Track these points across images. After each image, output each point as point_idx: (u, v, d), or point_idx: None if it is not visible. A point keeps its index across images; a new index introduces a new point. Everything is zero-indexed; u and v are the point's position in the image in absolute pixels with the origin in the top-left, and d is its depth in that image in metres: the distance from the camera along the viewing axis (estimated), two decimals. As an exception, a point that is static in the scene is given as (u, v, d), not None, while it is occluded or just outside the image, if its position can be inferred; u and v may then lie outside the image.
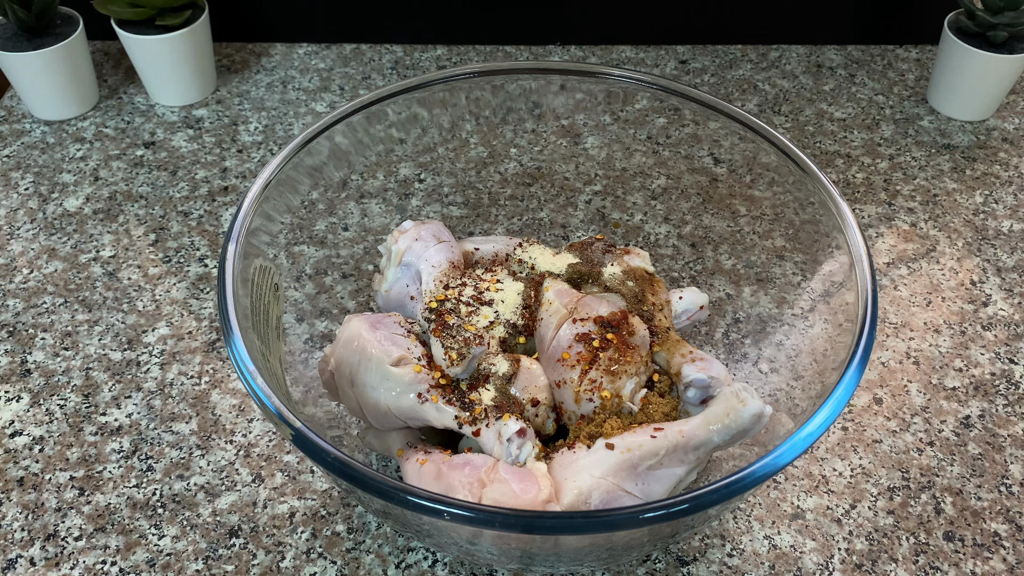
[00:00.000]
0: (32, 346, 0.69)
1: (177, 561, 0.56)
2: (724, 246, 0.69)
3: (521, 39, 1.02)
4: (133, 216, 0.81)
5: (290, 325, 0.59)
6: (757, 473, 0.42)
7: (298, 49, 1.01)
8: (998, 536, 0.58)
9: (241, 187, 0.84)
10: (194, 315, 0.72)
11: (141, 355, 0.69)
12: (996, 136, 0.90)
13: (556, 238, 0.74)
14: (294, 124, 0.91)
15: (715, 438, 0.48)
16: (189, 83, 0.92)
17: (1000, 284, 0.74)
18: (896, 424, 0.64)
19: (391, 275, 0.60)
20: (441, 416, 0.50)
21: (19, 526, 0.58)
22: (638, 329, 0.54)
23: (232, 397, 0.66)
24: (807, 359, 0.56)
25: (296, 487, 0.60)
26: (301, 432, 0.44)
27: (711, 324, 0.65)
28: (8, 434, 0.63)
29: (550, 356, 0.53)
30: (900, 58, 1.00)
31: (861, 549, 0.57)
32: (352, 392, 0.53)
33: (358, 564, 0.56)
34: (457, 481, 0.47)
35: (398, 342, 0.52)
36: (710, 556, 0.57)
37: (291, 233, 0.61)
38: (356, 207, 0.67)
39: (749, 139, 0.61)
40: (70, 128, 0.90)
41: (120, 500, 0.59)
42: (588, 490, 0.46)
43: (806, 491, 0.60)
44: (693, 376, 0.53)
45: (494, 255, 0.63)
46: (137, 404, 0.65)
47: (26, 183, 0.84)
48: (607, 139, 0.73)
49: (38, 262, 0.76)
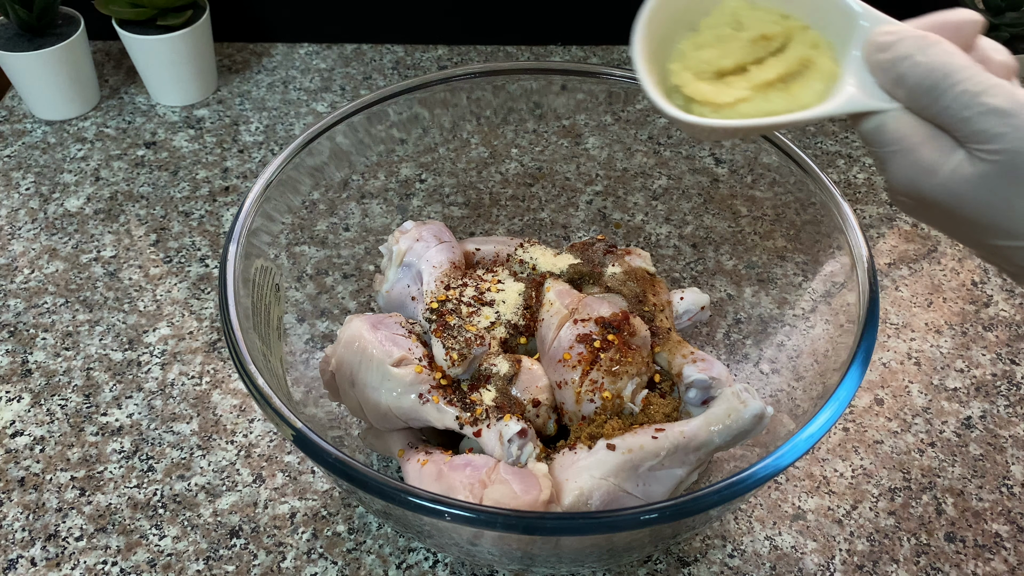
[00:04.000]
0: (33, 346, 0.69)
1: (178, 561, 0.56)
2: (725, 246, 0.69)
3: (522, 39, 1.02)
4: (134, 216, 0.81)
5: (291, 325, 0.59)
6: (758, 474, 0.42)
7: (299, 49, 1.01)
8: (999, 537, 0.58)
9: (242, 187, 0.84)
10: (195, 315, 0.72)
11: (142, 355, 0.69)
12: (997, 136, 0.90)
13: (557, 238, 0.74)
14: (295, 124, 0.91)
15: (716, 439, 0.48)
16: (190, 83, 0.92)
17: (1001, 285, 0.74)
18: (897, 425, 0.64)
19: (392, 275, 0.60)
20: (442, 417, 0.50)
21: (20, 526, 0.58)
22: (639, 330, 0.54)
23: (233, 397, 0.66)
24: (808, 360, 0.56)
25: (297, 487, 0.60)
26: (302, 432, 0.43)
27: (712, 325, 0.65)
28: (9, 434, 0.63)
29: (551, 357, 0.53)
30: (901, 58, 1.00)
31: (862, 550, 0.57)
32: (353, 392, 0.53)
33: (359, 565, 0.56)
34: (458, 482, 0.47)
35: (399, 342, 0.52)
36: (711, 557, 0.57)
37: (292, 233, 0.61)
38: (357, 207, 0.67)
39: (750, 139, 0.61)
40: (71, 128, 0.90)
41: (121, 500, 0.59)
42: (589, 491, 0.46)
43: (807, 492, 0.60)
44: (694, 377, 0.53)
45: (495, 255, 0.63)
46: (138, 404, 0.65)
47: (27, 183, 0.84)
48: (608, 139, 0.73)
49: (39, 262, 0.76)
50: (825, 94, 0.38)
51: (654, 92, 0.39)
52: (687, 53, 0.41)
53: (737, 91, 0.39)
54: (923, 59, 0.35)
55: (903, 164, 0.36)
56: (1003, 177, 0.34)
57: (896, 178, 0.37)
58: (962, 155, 0.35)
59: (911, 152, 0.36)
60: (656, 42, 0.41)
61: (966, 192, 0.35)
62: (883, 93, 0.37)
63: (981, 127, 0.34)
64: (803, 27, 0.40)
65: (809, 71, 0.39)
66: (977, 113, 0.33)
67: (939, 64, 0.34)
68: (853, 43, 0.38)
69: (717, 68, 0.40)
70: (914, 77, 0.35)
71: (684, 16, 0.42)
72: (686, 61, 0.41)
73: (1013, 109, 0.33)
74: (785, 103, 0.39)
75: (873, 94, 0.37)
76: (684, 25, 0.42)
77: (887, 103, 0.36)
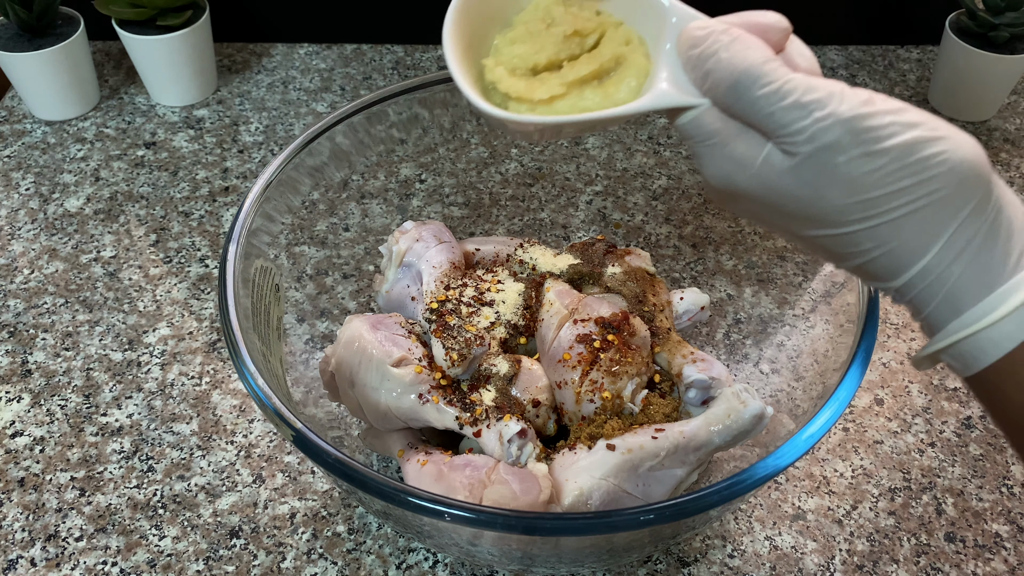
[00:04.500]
0: (33, 346, 0.69)
1: (178, 562, 0.56)
2: (725, 247, 0.69)
3: (522, 39, 1.01)
4: (134, 216, 0.81)
5: (291, 326, 0.59)
6: (758, 474, 0.42)
7: (299, 49, 1.01)
8: (999, 537, 0.58)
9: (242, 187, 0.84)
10: (195, 315, 0.72)
11: (142, 355, 0.69)
12: (997, 137, 0.90)
13: (557, 239, 0.74)
14: (295, 124, 0.91)
15: (716, 439, 0.48)
16: (190, 83, 0.92)
17: (1001, 285, 0.74)
18: (897, 425, 0.64)
19: (392, 276, 0.60)
20: (442, 417, 0.50)
21: (20, 527, 0.58)
22: (639, 330, 0.54)
23: (233, 398, 0.66)
24: (808, 360, 0.56)
25: (297, 488, 0.60)
26: (302, 433, 0.43)
27: (712, 325, 0.65)
28: (9, 434, 0.63)
29: (551, 357, 0.53)
30: (901, 58, 1.00)
31: (862, 550, 0.57)
32: (353, 393, 0.53)
33: (359, 565, 0.56)
34: (458, 482, 0.47)
35: (399, 343, 0.52)
36: (711, 557, 0.57)
37: (292, 233, 0.61)
38: (357, 207, 0.67)
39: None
40: (71, 128, 0.90)
41: (121, 501, 0.59)
42: (589, 491, 0.46)
43: (807, 492, 0.60)
44: (694, 377, 0.53)
45: (495, 256, 0.63)
46: (138, 404, 0.65)
47: (27, 183, 0.84)
48: (608, 139, 0.73)
49: (39, 262, 0.76)
50: (639, 90, 0.38)
51: (467, 87, 0.39)
52: (501, 48, 0.41)
53: (551, 88, 0.39)
54: (726, 55, 0.35)
55: (717, 158, 0.37)
56: (809, 168, 0.34)
57: (710, 172, 0.37)
58: (770, 147, 0.35)
59: (723, 146, 0.36)
60: (470, 37, 0.40)
61: (777, 184, 0.35)
62: (695, 88, 0.37)
63: (783, 121, 0.34)
64: (616, 23, 0.40)
65: (623, 67, 0.39)
66: (779, 108, 0.34)
67: (741, 60, 0.35)
68: (666, 37, 0.38)
69: (531, 64, 0.40)
70: (719, 73, 0.35)
71: (498, 12, 0.41)
72: (500, 56, 0.41)
73: (812, 102, 0.33)
74: (600, 100, 0.39)
75: (685, 89, 0.37)
76: (498, 21, 0.42)
77: (698, 98, 0.37)
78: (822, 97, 0.33)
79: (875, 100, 0.34)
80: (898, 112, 0.33)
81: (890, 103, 0.34)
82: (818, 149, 0.34)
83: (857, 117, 0.33)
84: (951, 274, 0.34)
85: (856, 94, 0.34)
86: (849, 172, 0.33)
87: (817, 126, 0.33)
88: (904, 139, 0.33)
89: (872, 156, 0.33)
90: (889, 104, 0.34)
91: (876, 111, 0.33)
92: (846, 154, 0.33)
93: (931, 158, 0.33)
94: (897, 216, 0.34)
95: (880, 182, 0.33)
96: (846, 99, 0.33)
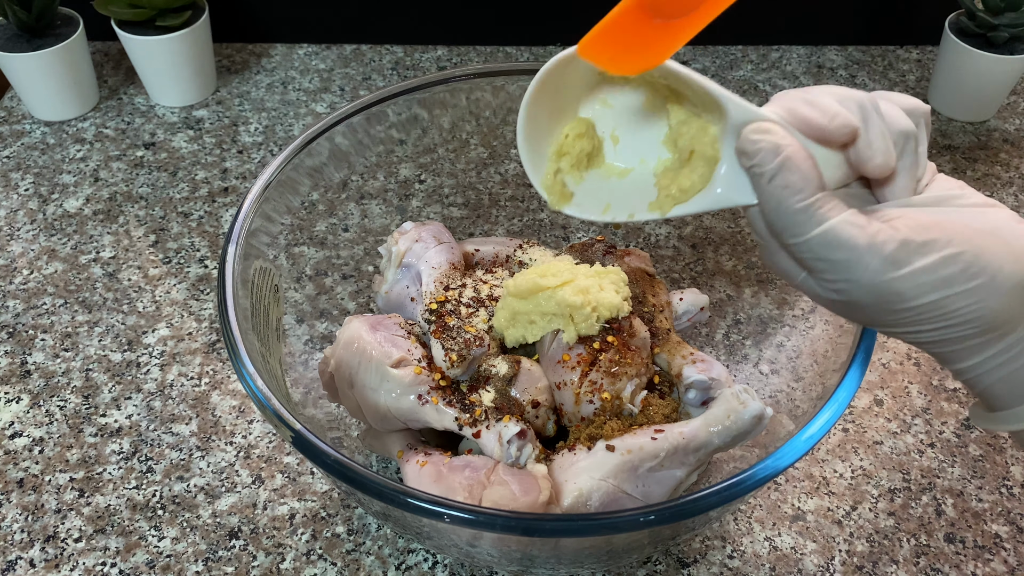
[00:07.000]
0: (32, 347, 0.69)
1: (177, 563, 0.56)
2: (725, 247, 0.69)
3: (522, 40, 1.02)
4: (133, 217, 0.81)
5: (290, 326, 0.59)
6: (758, 475, 0.42)
7: (298, 50, 1.01)
8: (999, 538, 0.58)
9: (241, 188, 0.84)
10: (194, 316, 0.72)
11: (141, 356, 0.69)
12: (997, 137, 0.90)
13: (556, 239, 0.74)
14: (294, 125, 0.91)
15: (716, 440, 0.48)
16: (189, 84, 0.92)
17: (1001, 285, 0.74)
18: (897, 425, 0.64)
19: (391, 276, 0.60)
20: (441, 418, 0.50)
21: (19, 527, 0.58)
22: (639, 331, 0.54)
23: (232, 398, 0.66)
24: (808, 360, 0.56)
25: (296, 489, 0.60)
26: (301, 434, 0.43)
27: (711, 325, 0.65)
28: (8, 435, 0.63)
29: (550, 357, 0.53)
30: (901, 59, 1.00)
31: (862, 551, 0.57)
32: (352, 393, 0.53)
33: (358, 566, 0.56)
34: (457, 483, 0.47)
35: (398, 343, 0.52)
36: (711, 558, 0.57)
37: (291, 234, 0.61)
38: (356, 208, 0.67)
39: None
40: (70, 129, 0.90)
41: (120, 501, 0.59)
42: (588, 492, 0.46)
43: (807, 493, 0.60)
44: (694, 378, 0.52)
45: (494, 256, 0.63)
46: (137, 405, 0.65)
47: (26, 184, 0.84)
48: (607, 140, 0.72)
49: (38, 263, 0.76)
50: (708, 177, 0.39)
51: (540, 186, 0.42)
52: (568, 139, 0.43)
53: None
54: (768, 188, 0.35)
55: (771, 252, 0.38)
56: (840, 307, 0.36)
57: (765, 261, 0.39)
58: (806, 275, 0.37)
59: (773, 253, 0.38)
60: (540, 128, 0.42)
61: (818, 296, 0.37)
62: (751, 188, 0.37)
63: (811, 267, 0.35)
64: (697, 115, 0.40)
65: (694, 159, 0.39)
66: (807, 259, 0.35)
67: (778, 199, 0.34)
68: (728, 131, 0.37)
69: None
70: (761, 200, 0.36)
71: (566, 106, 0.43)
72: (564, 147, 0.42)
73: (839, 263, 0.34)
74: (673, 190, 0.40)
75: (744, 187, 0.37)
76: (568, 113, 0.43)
77: (752, 199, 0.37)
78: (848, 259, 0.34)
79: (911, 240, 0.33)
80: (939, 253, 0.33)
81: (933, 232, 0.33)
82: (847, 300, 0.35)
83: (883, 283, 0.33)
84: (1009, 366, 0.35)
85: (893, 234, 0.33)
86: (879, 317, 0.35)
87: (842, 286, 0.34)
88: (931, 299, 0.33)
89: (897, 313, 0.34)
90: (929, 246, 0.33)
91: (903, 273, 0.33)
92: (873, 308, 0.35)
93: (960, 311, 0.33)
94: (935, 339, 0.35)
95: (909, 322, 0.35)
96: (875, 255, 0.33)
